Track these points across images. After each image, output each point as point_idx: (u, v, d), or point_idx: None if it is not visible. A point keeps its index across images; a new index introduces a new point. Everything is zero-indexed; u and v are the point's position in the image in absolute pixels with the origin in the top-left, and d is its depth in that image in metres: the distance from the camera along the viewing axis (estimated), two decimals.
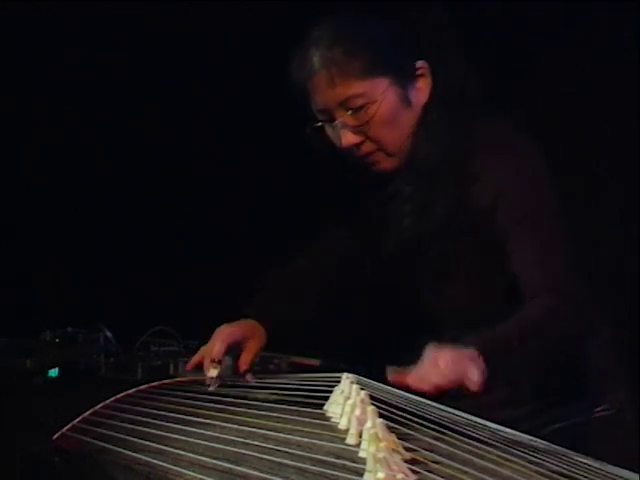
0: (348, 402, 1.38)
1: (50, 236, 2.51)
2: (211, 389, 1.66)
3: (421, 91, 1.70)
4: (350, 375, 1.53)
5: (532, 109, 2.41)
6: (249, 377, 1.72)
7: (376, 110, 1.66)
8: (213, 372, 1.68)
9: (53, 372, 1.81)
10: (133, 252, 2.54)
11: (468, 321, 1.62)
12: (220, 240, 2.54)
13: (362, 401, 1.35)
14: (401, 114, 1.68)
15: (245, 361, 1.74)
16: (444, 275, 1.72)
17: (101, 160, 2.56)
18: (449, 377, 1.32)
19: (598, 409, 1.69)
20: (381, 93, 1.65)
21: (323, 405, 1.50)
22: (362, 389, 1.41)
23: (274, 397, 1.62)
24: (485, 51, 2.48)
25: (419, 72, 1.69)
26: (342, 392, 1.47)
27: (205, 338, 1.97)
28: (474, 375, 1.31)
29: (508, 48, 2.44)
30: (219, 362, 1.70)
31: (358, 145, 1.69)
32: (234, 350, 1.76)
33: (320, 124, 1.71)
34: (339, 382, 1.53)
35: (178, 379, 1.77)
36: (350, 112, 1.66)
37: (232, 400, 1.55)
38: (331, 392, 1.52)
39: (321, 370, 1.71)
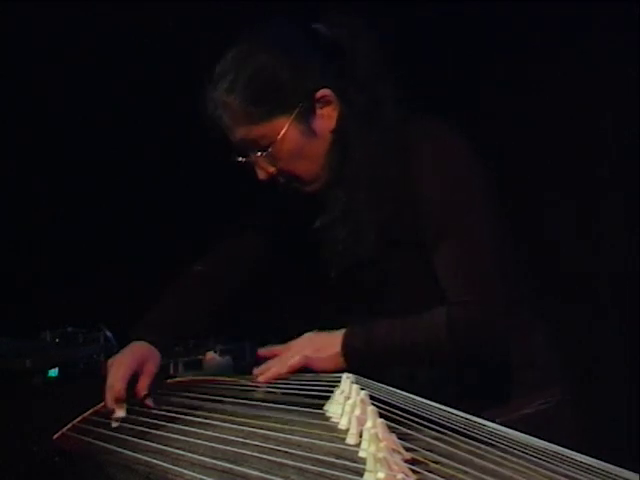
0: (348, 402, 1.38)
1: (50, 236, 2.51)
2: (115, 425, 1.52)
3: (327, 118, 1.70)
4: (350, 375, 1.53)
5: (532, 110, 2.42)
6: (149, 402, 1.60)
7: (280, 147, 1.67)
8: (120, 412, 1.55)
9: (53, 372, 1.81)
10: (133, 252, 2.54)
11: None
12: (220, 240, 2.54)
13: (362, 401, 1.35)
14: (307, 146, 1.69)
15: (143, 386, 1.62)
16: (382, 294, 1.75)
17: (101, 160, 2.56)
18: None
19: (535, 403, 1.73)
20: (281, 132, 1.66)
21: (323, 405, 1.50)
22: (362, 389, 1.41)
23: (274, 397, 1.62)
24: (485, 51, 2.50)
25: (324, 100, 1.69)
26: (342, 392, 1.47)
27: (205, 338, 1.97)
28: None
29: (508, 48, 2.45)
30: (123, 402, 1.57)
31: (273, 177, 1.72)
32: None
33: (240, 160, 1.73)
34: (339, 382, 1.53)
35: (178, 379, 1.77)
36: (257, 151, 1.69)
37: (232, 400, 1.55)
38: (331, 392, 1.52)
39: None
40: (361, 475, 1.13)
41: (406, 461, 1.18)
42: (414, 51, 2.21)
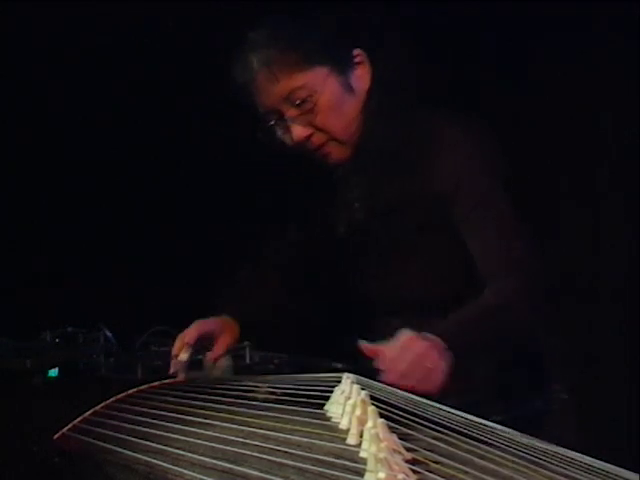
0: (349, 402, 1.38)
1: (50, 236, 2.51)
2: (178, 375, 1.71)
3: (361, 78, 1.72)
4: (351, 375, 1.53)
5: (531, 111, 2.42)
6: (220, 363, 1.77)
7: (320, 99, 1.68)
8: (183, 356, 1.75)
9: (53, 372, 1.81)
10: (133, 252, 2.54)
11: (425, 306, 1.66)
12: (220, 240, 2.54)
13: (363, 401, 1.35)
14: (345, 101, 1.71)
15: (216, 352, 1.81)
16: (396, 260, 1.76)
17: (101, 160, 2.56)
18: (416, 371, 1.43)
19: (540, 402, 1.74)
20: (322, 82, 1.68)
21: (323, 405, 1.50)
22: (363, 389, 1.41)
23: (274, 397, 1.61)
24: (485, 51, 2.50)
25: (357, 60, 1.72)
26: (343, 392, 1.47)
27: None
28: (437, 378, 1.40)
29: (508, 48, 2.45)
30: (190, 346, 1.77)
31: (309, 138, 1.71)
32: (207, 342, 1.82)
33: (271, 124, 1.73)
34: (339, 382, 1.53)
35: (178, 379, 1.77)
36: (295, 105, 1.69)
37: (232, 400, 1.55)
38: (331, 392, 1.52)
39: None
40: (362, 475, 1.13)
41: (407, 461, 1.18)
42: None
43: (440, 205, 1.66)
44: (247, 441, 1.28)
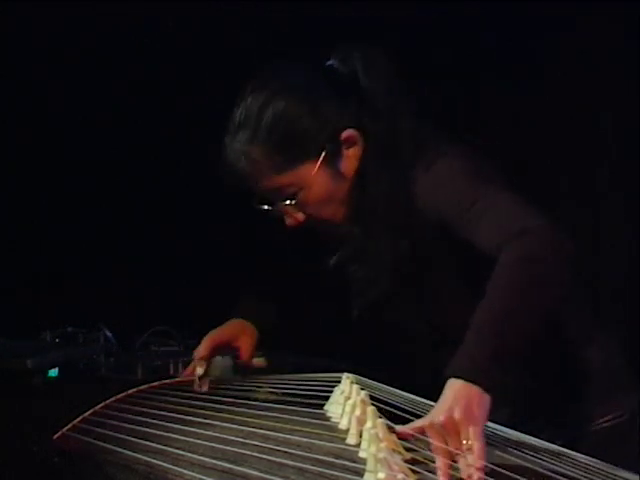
0: (348, 402, 1.38)
1: (50, 236, 2.51)
2: (201, 389, 1.69)
3: (352, 158, 1.63)
4: (350, 375, 1.53)
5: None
6: (256, 362, 1.77)
7: (309, 193, 1.62)
8: (199, 370, 1.73)
9: (53, 372, 1.80)
10: (133, 252, 2.54)
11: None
12: (220, 240, 2.54)
13: (362, 401, 1.35)
14: (335, 189, 1.63)
15: (245, 353, 1.79)
16: (429, 302, 1.69)
17: (101, 160, 2.56)
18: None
19: (610, 416, 1.64)
20: (311, 177, 1.61)
21: (323, 405, 1.50)
22: (362, 389, 1.41)
23: (274, 397, 1.61)
24: (485, 51, 2.50)
25: (349, 141, 1.63)
26: (342, 392, 1.47)
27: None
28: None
29: (507, 48, 2.45)
30: (203, 360, 1.74)
31: (302, 225, 1.67)
32: (227, 350, 1.80)
33: (266, 208, 1.68)
34: (339, 382, 1.53)
35: (178, 379, 1.77)
36: (284, 200, 1.63)
37: (232, 400, 1.55)
38: (331, 392, 1.52)
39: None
40: (361, 475, 1.13)
41: (406, 461, 1.18)
42: (413, 51, 2.21)
43: (444, 233, 1.60)
44: (247, 441, 1.28)
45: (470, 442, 1.23)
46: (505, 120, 2.52)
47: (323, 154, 1.60)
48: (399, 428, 1.30)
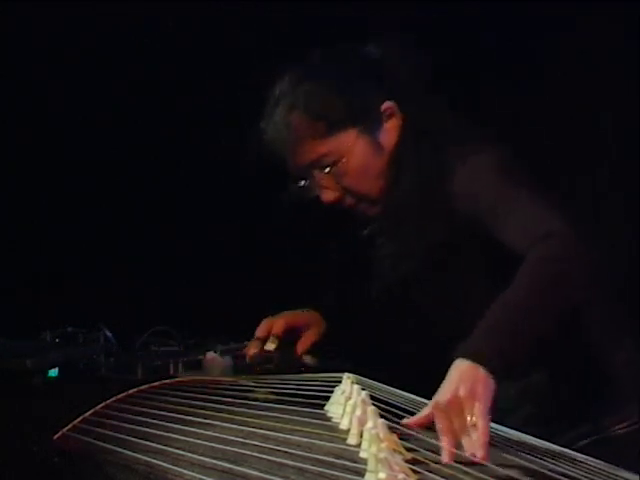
0: (349, 402, 1.38)
1: (50, 236, 2.51)
2: (252, 364, 1.75)
3: (391, 132, 1.66)
4: (351, 375, 1.53)
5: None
6: (307, 359, 1.77)
7: (348, 163, 1.63)
8: (270, 345, 1.78)
9: (53, 372, 1.80)
10: (133, 252, 2.54)
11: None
12: (219, 240, 2.54)
13: (363, 401, 1.35)
14: (375, 160, 1.65)
15: (304, 345, 1.80)
16: (454, 288, 1.70)
17: (101, 160, 2.56)
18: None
19: (628, 422, 1.65)
20: (350, 146, 1.63)
21: (324, 405, 1.50)
22: (363, 389, 1.41)
23: (274, 397, 1.61)
24: (485, 51, 2.50)
25: (387, 113, 1.66)
26: (343, 392, 1.47)
27: (205, 338, 1.98)
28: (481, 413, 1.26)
29: (507, 47, 2.45)
30: (277, 337, 1.79)
31: (339, 200, 1.67)
32: (292, 335, 1.82)
33: (302, 184, 1.69)
34: (340, 382, 1.53)
35: (178, 379, 1.77)
36: (323, 170, 1.64)
37: (232, 400, 1.55)
38: (332, 392, 1.52)
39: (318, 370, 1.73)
40: (362, 475, 1.13)
41: (407, 461, 1.18)
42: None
43: (473, 225, 1.61)
44: (247, 441, 1.28)
45: (475, 419, 1.24)
46: (505, 120, 2.52)
47: (363, 123, 1.62)
48: (405, 421, 1.32)
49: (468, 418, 1.26)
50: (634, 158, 2.41)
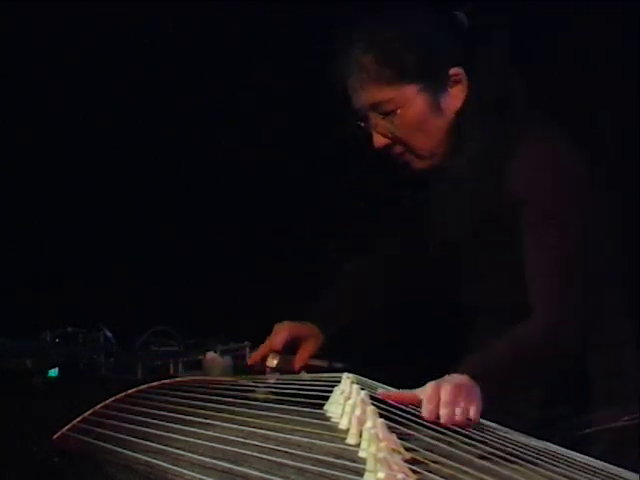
0: (348, 402, 1.38)
1: (50, 236, 2.51)
2: (270, 380, 1.74)
3: (455, 98, 1.73)
4: (350, 375, 1.53)
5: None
6: (304, 375, 1.78)
7: (405, 114, 1.70)
8: (272, 362, 1.83)
9: (53, 372, 1.80)
10: (133, 252, 2.54)
11: (500, 317, 1.64)
12: (219, 240, 2.54)
13: (362, 401, 1.35)
14: (430, 120, 1.72)
15: (301, 359, 1.84)
16: (477, 271, 1.76)
17: (101, 160, 2.56)
18: (449, 410, 1.37)
19: (628, 417, 1.67)
20: (411, 99, 1.70)
21: (323, 405, 1.50)
22: (362, 389, 1.41)
23: (274, 397, 1.62)
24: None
25: (453, 79, 1.72)
26: (342, 392, 1.47)
27: (205, 338, 1.98)
28: (472, 412, 1.37)
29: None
30: (278, 353, 1.84)
31: (388, 146, 1.74)
32: (289, 348, 1.86)
33: (358, 123, 1.76)
34: (339, 382, 1.53)
35: (178, 379, 1.77)
36: (381, 115, 1.71)
37: (232, 400, 1.55)
38: (331, 392, 1.52)
39: (327, 371, 1.73)
40: (361, 475, 1.13)
41: (406, 461, 1.18)
42: None
43: (516, 216, 1.66)
44: (247, 441, 1.28)
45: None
46: None
47: (429, 81, 1.70)
48: (381, 392, 1.42)
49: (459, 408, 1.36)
50: (634, 158, 2.41)
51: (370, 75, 1.70)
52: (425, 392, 1.39)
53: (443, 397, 1.36)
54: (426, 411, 1.36)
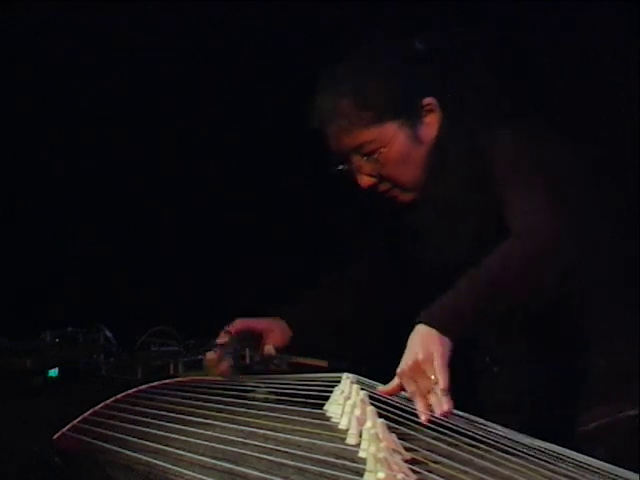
0: (348, 402, 1.38)
1: (50, 236, 2.51)
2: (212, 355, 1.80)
3: (430, 126, 1.75)
4: (350, 375, 1.53)
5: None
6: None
7: (388, 152, 1.72)
8: (222, 339, 1.84)
9: (53, 372, 1.81)
10: (133, 252, 2.54)
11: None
12: (219, 240, 2.54)
13: (362, 401, 1.35)
14: (412, 152, 1.74)
15: (267, 351, 1.85)
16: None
17: (101, 161, 2.56)
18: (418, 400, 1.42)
19: (625, 412, 1.68)
20: (392, 137, 1.72)
21: (323, 405, 1.50)
22: (362, 389, 1.41)
23: (274, 397, 1.62)
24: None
25: (427, 108, 1.75)
26: (342, 392, 1.47)
27: (205, 338, 1.98)
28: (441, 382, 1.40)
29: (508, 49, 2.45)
30: (227, 332, 1.85)
31: (375, 185, 1.76)
32: (253, 341, 1.87)
33: (341, 168, 1.78)
34: (339, 382, 1.53)
35: (178, 379, 1.77)
36: (364, 157, 1.74)
37: (232, 400, 1.55)
38: (331, 392, 1.52)
39: (327, 371, 1.73)
40: (361, 475, 1.13)
41: (406, 461, 1.18)
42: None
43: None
44: (247, 441, 1.28)
45: (435, 377, 1.40)
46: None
47: (406, 116, 1.72)
48: (380, 388, 1.46)
49: (431, 377, 1.40)
50: (634, 158, 2.41)
51: (351, 120, 1.71)
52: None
53: (407, 389, 1.44)
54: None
